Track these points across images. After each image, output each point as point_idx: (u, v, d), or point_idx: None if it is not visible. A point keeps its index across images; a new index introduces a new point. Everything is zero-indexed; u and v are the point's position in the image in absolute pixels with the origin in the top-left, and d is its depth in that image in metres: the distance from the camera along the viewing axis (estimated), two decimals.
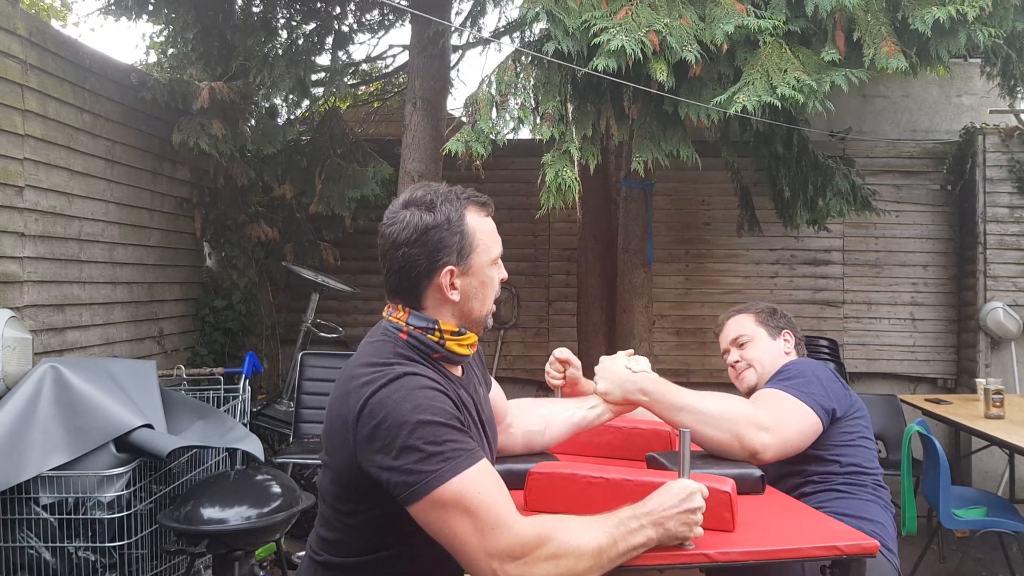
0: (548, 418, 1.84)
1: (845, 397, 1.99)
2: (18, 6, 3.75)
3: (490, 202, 1.52)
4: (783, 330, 2.23)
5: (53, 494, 2.80)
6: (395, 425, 1.28)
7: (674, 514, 1.35)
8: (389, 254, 1.44)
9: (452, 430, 1.31)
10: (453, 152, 3.86)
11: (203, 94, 4.60)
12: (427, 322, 1.45)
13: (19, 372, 3.12)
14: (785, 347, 2.21)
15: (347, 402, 1.35)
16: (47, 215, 3.85)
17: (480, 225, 1.48)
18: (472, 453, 1.31)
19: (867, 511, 1.93)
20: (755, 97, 3.57)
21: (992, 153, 5.72)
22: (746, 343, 2.22)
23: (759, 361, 2.18)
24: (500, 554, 1.26)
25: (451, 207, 1.44)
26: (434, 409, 1.31)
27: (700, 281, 6.12)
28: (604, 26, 3.65)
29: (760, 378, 2.16)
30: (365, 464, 1.31)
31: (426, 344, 1.44)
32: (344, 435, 1.34)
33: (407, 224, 1.42)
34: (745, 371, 2.20)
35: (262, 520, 2.83)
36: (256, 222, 5.42)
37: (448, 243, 1.43)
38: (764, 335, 2.22)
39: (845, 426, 1.96)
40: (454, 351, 1.47)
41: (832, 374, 2.04)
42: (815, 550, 1.43)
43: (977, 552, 4.35)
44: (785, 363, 2.11)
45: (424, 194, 1.46)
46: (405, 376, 1.34)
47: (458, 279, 1.45)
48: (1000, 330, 5.52)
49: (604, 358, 1.92)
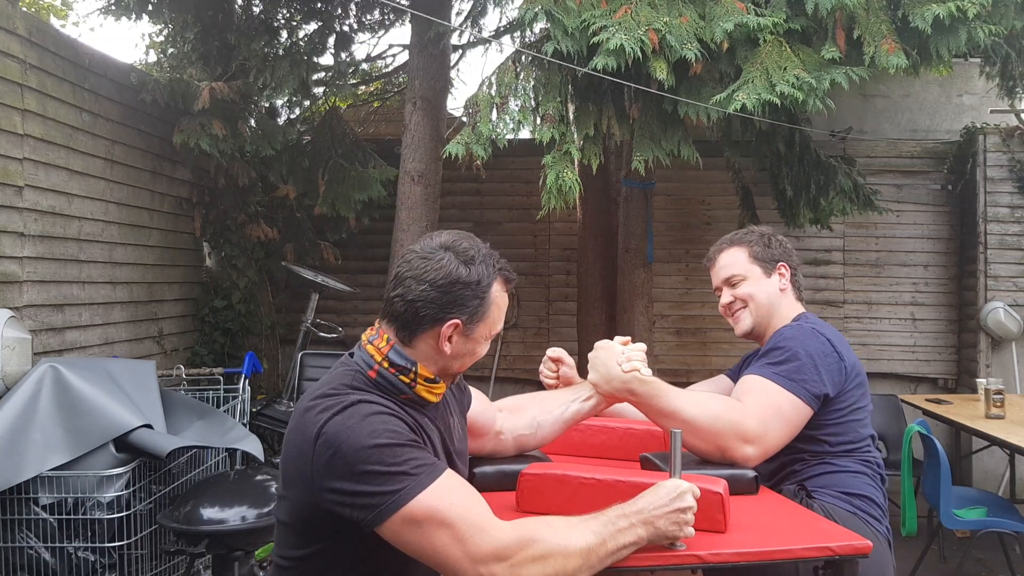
0: (538, 419, 1.84)
1: (839, 372, 1.91)
2: (18, 6, 3.76)
3: (515, 279, 1.54)
4: (778, 263, 2.11)
5: (53, 494, 2.80)
6: (352, 451, 1.28)
7: (664, 513, 1.35)
8: (409, 283, 1.43)
9: (410, 448, 1.31)
10: (453, 155, 3.86)
11: (204, 95, 4.60)
12: (407, 362, 1.44)
13: (18, 372, 3.13)
14: (780, 282, 2.10)
15: (303, 432, 1.34)
16: (46, 215, 3.85)
17: (499, 299, 1.49)
18: (435, 467, 1.31)
19: (855, 485, 1.90)
20: (755, 95, 3.57)
21: (993, 153, 5.70)
22: (739, 283, 2.10)
23: (754, 301, 2.08)
24: (485, 558, 1.26)
25: (485, 271, 1.45)
26: (389, 432, 1.31)
27: (700, 281, 6.11)
28: (603, 25, 3.65)
29: (756, 320, 2.09)
30: (323, 495, 1.30)
31: (394, 385, 1.43)
32: (301, 467, 1.33)
33: (441, 267, 1.42)
34: (740, 312, 2.11)
35: (262, 520, 2.83)
36: (256, 222, 5.42)
37: (468, 303, 1.43)
38: (759, 273, 2.10)
39: (838, 403, 1.91)
40: (423, 396, 1.46)
41: (827, 344, 1.93)
42: (808, 551, 1.43)
43: (978, 552, 4.34)
44: (780, 332, 2.00)
45: (468, 247, 1.46)
46: (359, 403, 1.34)
47: (457, 336, 1.44)
48: (1001, 330, 5.51)
49: (598, 345, 1.87)
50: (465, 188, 6.10)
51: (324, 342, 5.40)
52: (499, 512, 1.34)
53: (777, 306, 2.09)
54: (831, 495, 1.88)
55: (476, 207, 6.25)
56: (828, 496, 1.88)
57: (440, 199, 4.99)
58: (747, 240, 2.15)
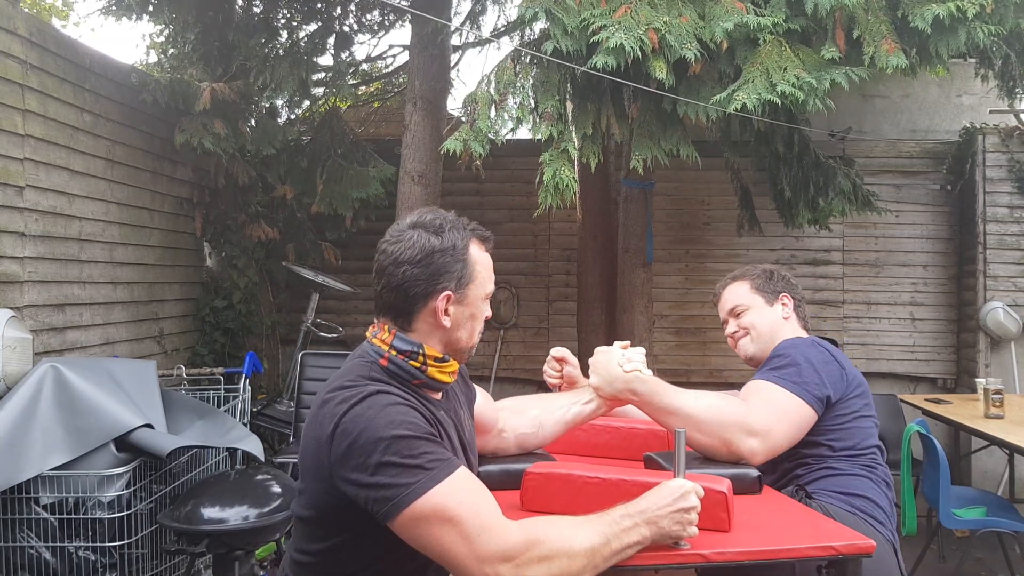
0: (540, 418, 1.84)
1: (840, 379, 1.95)
2: (19, 6, 3.76)
3: (491, 237, 1.55)
4: (780, 294, 2.19)
5: (53, 494, 2.80)
6: (370, 442, 1.29)
7: (668, 513, 1.35)
8: (389, 270, 1.44)
9: (427, 442, 1.32)
10: (451, 151, 3.86)
11: (205, 95, 4.60)
12: (412, 346, 1.45)
13: (19, 372, 3.13)
14: (783, 312, 2.17)
15: (321, 424, 1.35)
16: (47, 215, 3.85)
17: (481, 258, 1.50)
18: (449, 463, 1.32)
19: (855, 486, 1.91)
20: (754, 95, 3.57)
21: (992, 153, 5.71)
22: (743, 312, 2.18)
23: (756, 329, 2.15)
24: (491, 558, 1.26)
25: (458, 235, 1.47)
26: (407, 424, 1.32)
27: (700, 281, 6.11)
28: (603, 24, 3.66)
29: (758, 347, 2.14)
30: (341, 484, 1.31)
31: (406, 371, 1.44)
32: (319, 457, 1.34)
33: (413, 244, 1.43)
34: (741, 339, 2.18)
35: (262, 520, 2.83)
36: (256, 222, 5.42)
37: (450, 269, 1.44)
38: (761, 303, 2.17)
39: (840, 408, 1.94)
40: (435, 378, 1.47)
41: (827, 354, 1.98)
42: (811, 550, 1.43)
43: (977, 552, 4.35)
44: (780, 343, 2.05)
45: (433, 218, 1.48)
46: (377, 394, 1.35)
47: (452, 306, 1.45)
48: (1000, 330, 5.52)
49: (598, 350, 1.90)
50: (465, 188, 6.10)
51: (324, 342, 5.41)
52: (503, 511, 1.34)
53: (781, 334, 2.13)
54: (829, 495, 1.89)
55: (476, 207, 6.26)
56: (827, 496, 1.88)
57: (440, 199, 5.00)
58: (750, 274, 2.24)
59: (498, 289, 6.38)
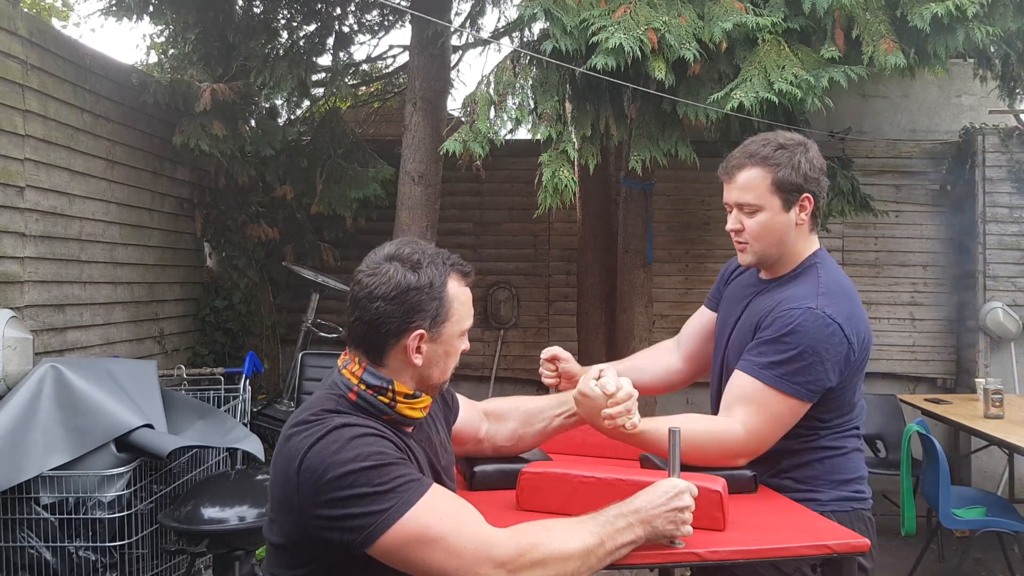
0: (519, 431, 1.80)
1: (846, 362, 1.75)
2: (19, 7, 3.77)
3: (472, 272, 1.49)
4: (804, 195, 1.81)
5: (54, 494, 2.81)
6: (336, 477, 1.25)
7: (662, 512, 1.35)
8: (362, 304, 1.38)
9: (397, 466, 1.29)
10: (451, 152, 3.87)
11: (205, 96, 4.61)
12: (382, 381, 1.40)
13: (20, 372, 3.13)
14: (799, 216, 1.83)
15: (286, 460, 1.31)
16: (48, 215, 3.86)
17: (459, 295, 1.44)
18: (421, 482, 1.29)
19: (849, 469, 1.85)
20: (752, 93, 3.58)
21: (991, 153, 5.71)
22: (753, 213, 1.84)
23: (765, 240, 1.85)
24: (484, 569, 1.25)
25: (435, 271, 1.40)
26: (375, 455, 1.28)
27: (700, 281, 6.11)
28: (602, 24, 3.66)
29: (763, 255, 1.88)
30: (311, 522, 1.28)
31: (375, 406, 1.39)
32: (287, 494, 1.30)
33: (388, 279, 1.37)
34: (746, 245, 1.89)
35: (262, 520, 2.82)
36: (256, 222, 5.43)
37: (425, 307, 1.38)
38: (777, 206, 1.82)
39: (839, 387, 1.80)
40: (405, 414, 1.42)
41: (837, 332, 1.73)
42: (806, 549, 1.44)
43: (977, 552, 4.35)
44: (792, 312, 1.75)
45: (411, 252, 1.41)
46: (343, 427, 1.31)
47: (425, 344, 1.40)
48: (1000, 330, 5.52)
49: (582, 391, 1.70)
50: (465, 188, 6.10)
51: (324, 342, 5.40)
52: (499, 511, 1.35)
53: (790, 241, 1.86)
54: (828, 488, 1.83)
55: (476, 207, 6.26)
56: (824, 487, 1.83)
57: (440, 199, 5.00)
58: (775, 162, 1.81)
59: (498, 289, 6.44)
